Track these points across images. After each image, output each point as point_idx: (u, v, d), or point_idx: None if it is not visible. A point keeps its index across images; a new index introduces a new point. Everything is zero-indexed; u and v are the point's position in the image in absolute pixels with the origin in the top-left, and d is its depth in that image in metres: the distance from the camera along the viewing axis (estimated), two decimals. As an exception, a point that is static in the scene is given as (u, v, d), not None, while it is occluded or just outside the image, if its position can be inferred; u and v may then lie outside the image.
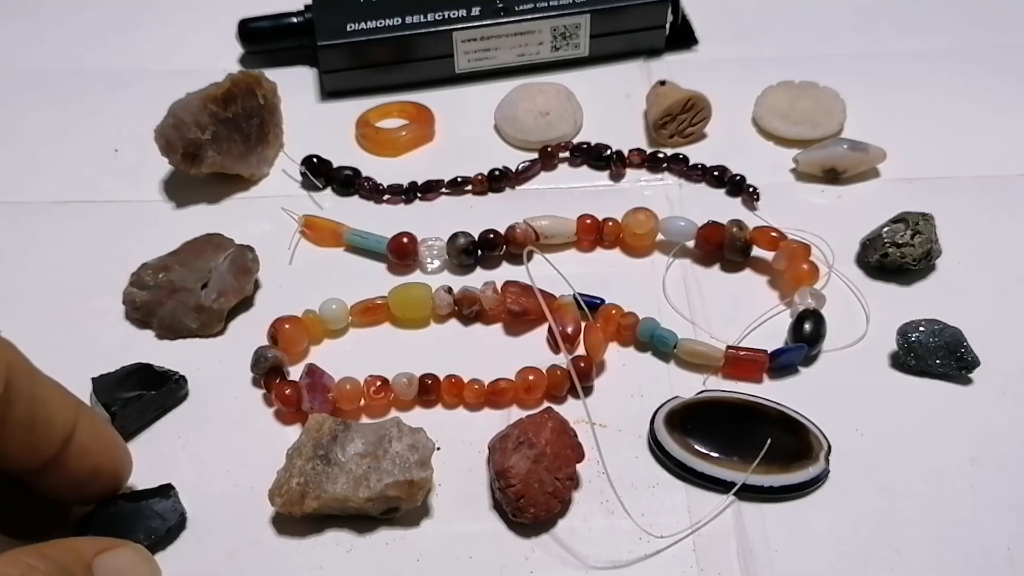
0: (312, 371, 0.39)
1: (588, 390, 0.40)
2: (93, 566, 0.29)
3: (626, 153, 0.49)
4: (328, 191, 0.49)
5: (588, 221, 0.45)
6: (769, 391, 0.40)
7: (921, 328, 0.40)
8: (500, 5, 0.53)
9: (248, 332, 0.42)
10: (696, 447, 0.37)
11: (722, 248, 0.44)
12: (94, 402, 0.39)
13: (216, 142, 0.46)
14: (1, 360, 0.28)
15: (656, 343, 0.41)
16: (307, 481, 0.35)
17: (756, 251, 0.45)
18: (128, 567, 0.31)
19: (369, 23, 0.52)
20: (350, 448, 0.36)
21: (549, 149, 0.50)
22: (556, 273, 0.41)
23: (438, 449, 0.37)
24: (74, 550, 0.29)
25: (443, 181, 0.49)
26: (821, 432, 0.38)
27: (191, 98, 0.46)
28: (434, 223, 0.46)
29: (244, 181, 0.49)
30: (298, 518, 0.35)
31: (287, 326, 0.41)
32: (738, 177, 0.48)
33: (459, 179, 0.49)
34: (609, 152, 0.49)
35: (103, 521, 0.35)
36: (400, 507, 0.36)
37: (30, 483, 0.32)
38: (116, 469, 0.34)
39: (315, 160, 0.49)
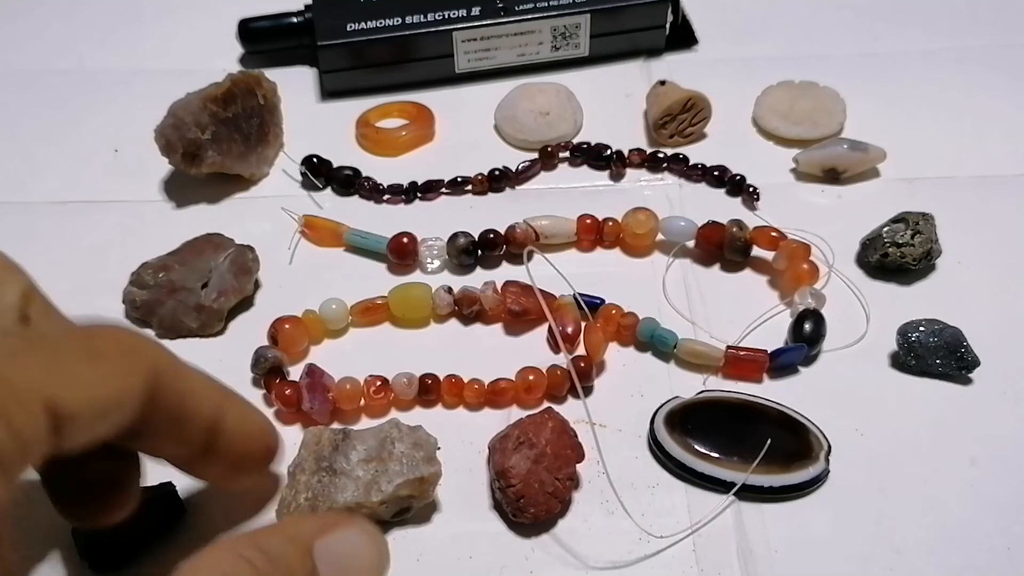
0: (312, 371, 0.39)
1: (588, 390, 0.40)
2: (314, 552, 0.27)
3: (626, 153, 0.49)
4: (328, 191, 0.49)
5: (588, 221, 0.45)
6: (769, 391, 0.40)
7: (921, 328, 0.40)
8: (500, 5, 0.53)
9: (248, 332, 0.42)
10: (696, 447, 0.37)
11: (722, 248, 0.44)
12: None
13: (216, 142, 0.46)
14: (144, 365, 0.27)
15: (656, 343, 0.41)
16: (315, 495, 0.34)
17: (756, 251, 0.45)
18: (354, 549, 0.28)
19: (369, 23, 0.52)
20: (353, 456, 0.35)
21: (549, 149, 0.50)
22: (556, 273, 0.41)
23: (438, 449, 0.37)
24: (291, 535, 0.27)
25: (443, 181, 0.49)
26: (821, 432, 0.38)
27: (191, 98, 0.46)
28: (434, 223, 0.46)
29: (244, 181, 0.49)
30: None
31: (287, 326, 0.41)
32: (738, 177, 0.48)
33: (459, 179, 0.49)
34: (609, 152, 0.49)
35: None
36: (412, 506, 0.36)
37: (185, 472, 0.32)
38: (266, 453, 0.33)
39: (315, 160, 0.49)
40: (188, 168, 0.46)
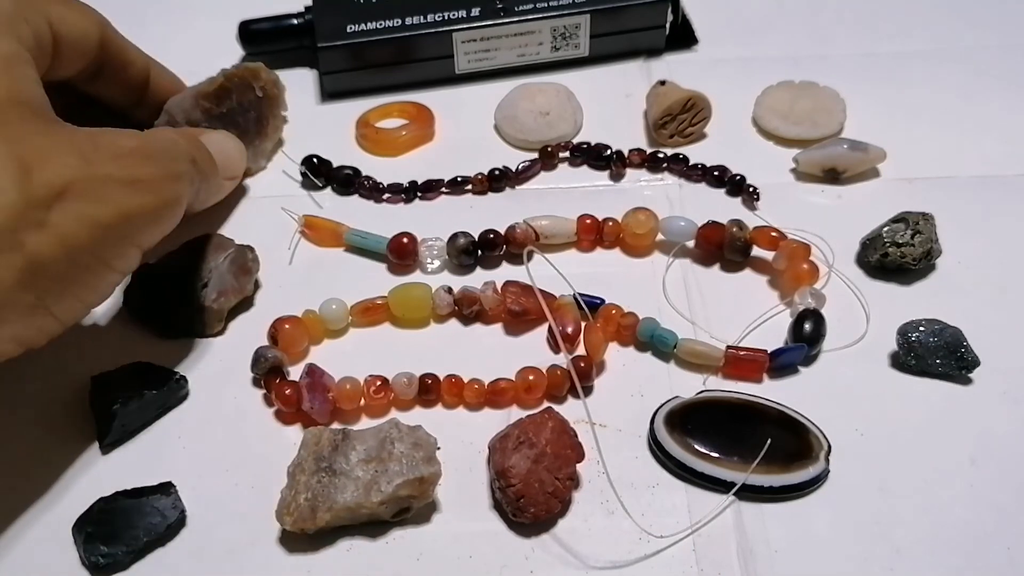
0: (312, 371, 0.39)
1: (588, 390, 0.40)
2: (203, 143, 0.41)
3: (626, 153, 0.49)
4: (328, 191, 0.49)
5: (588, 221, 0.45)
6: (769, 391, 0.40)
7: (921, 328, 0.40)
8: (500, 5, 0.53)
9: (248, 332, 0.42)
10: (696, 447, 0.37)
11: (722, 248, 0.44)
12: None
13: None
14: (97, 17, 0.40)
15: (656, 343, 0.41)
16: (315, 495, 0.34)
17: (756, 251, 0.45)
18: (225, 140, 0.44)
19: (369, 24, 0.52)
20: (353, 456, 0.35)
21: (549, 149, 0.50)
22: (556, 273, 0.41)
23: (438, 449, 0.37)
24: (185, 135, 0.40)
25: (443, 181, 0.49)
26: (821, 432, 0.38)
27: (184, 94, 0.46)
28: (434, 223, 0.46)
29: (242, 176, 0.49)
30: (311, 534, 0.35)
31: (287, 326, 0.41)
32: (738, 177, 0.48)
33: (459, 179, 0.49)
34: (609, 152, 0.49)
35: (103, 516, 0.35)
36: (412, 506, 0.36)
37: (132, 118, 0.45)
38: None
39: (315, 160, 0.49)
40: None
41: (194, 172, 0.39)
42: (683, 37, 0.56)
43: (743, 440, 0.37)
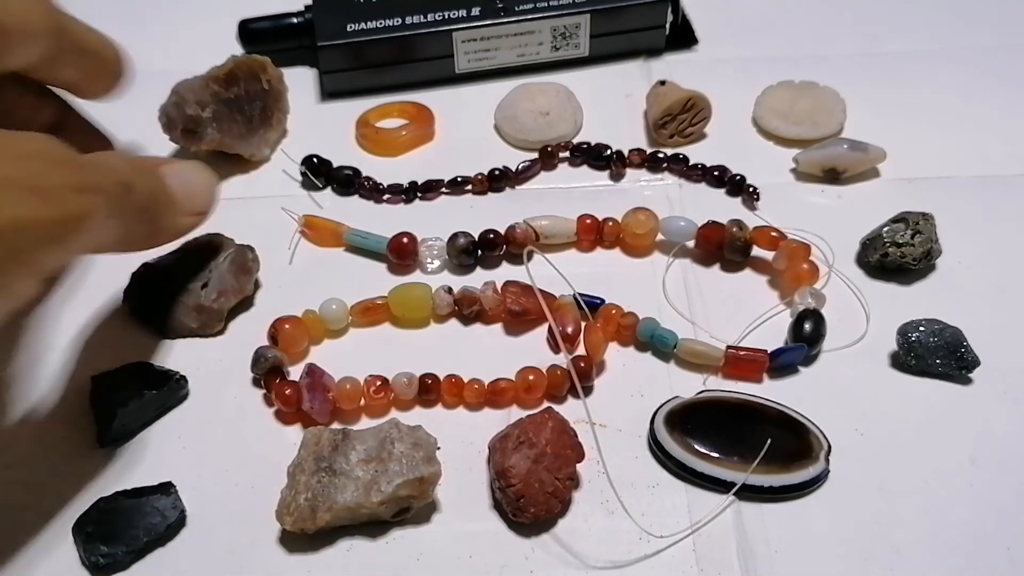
0: (312, 371, 0.39)
1: (588, 390, 0.40)
2: (161, 174, 0.37)
3: (626, 153, 0.49)
4: (328, 191, 0.49)
5: (588, 221, 0.45)
6: (769, 391, 0.40)
7: (921, 328, 0.40)
8: (500, 5, 0.53)
9: (248, 332, 0.42)
10: (696, 447, 0.37)
11: (722, 248, 0.44)
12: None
13: (217, 120, 0.46)
14: (44, 7, 0.36)
15: (656, 343, 0.41)
16: (315, 495, 0.34)
17: (756, 251, 0.45)
18: (192, 172, 0.39)
19: (369, 23, 0.52)
20: (353, 456, 0.35)
21: (549, 149, 0.50)
22: (556, 273, 0.41)
23: (439, 449, 0.37)
24: (139, 166, 0.37)
25: (443, 181, 0.49)
26: (821, 432, 0.38)
27: (195, 78, 0.47)
28: (434, 223, 0.46)
29: (245, 163, 0.49)
30: (311, 534, 0.35)
31: (287, 326, 0.41)
32: (738, 177, 0.48)
33: (459, 179, 0.49)
34: (609, 152, 0.49)
35: (103, 516, 0.35)
36: (412, 506, 0.36)
37: (76, 93, 0.42)
38: (120, 61, 0.42)
39: (315, 160, 0.49)
40: (188, 144, 0.47)
41: (122, 196, 0.33)
42: (683, 37, 0.56)
43: (743, 440, 0.37)
